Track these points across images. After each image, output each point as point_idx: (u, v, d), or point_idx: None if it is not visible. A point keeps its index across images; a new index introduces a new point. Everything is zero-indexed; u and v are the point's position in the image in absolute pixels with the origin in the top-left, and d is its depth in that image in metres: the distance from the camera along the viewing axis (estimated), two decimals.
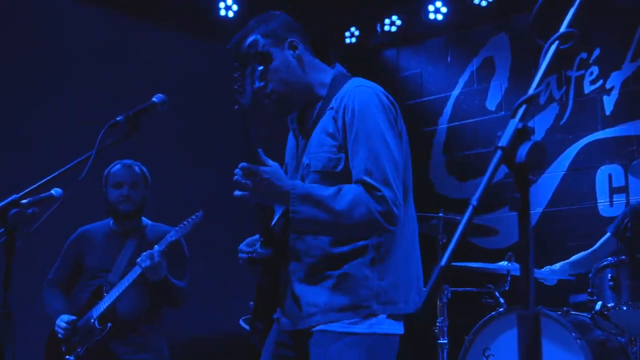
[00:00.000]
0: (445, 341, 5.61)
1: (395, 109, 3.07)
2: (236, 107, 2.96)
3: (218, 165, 7.80)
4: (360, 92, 3.00)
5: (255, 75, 3.07)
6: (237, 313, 7.39)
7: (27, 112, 6.55)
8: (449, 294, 5.68)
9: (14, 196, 2.88)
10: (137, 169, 4.99)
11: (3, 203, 2.83)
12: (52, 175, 3.03)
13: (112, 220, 5.04)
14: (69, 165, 3.16)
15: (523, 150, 1.55)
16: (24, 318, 4.82)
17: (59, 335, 4.69)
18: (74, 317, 4.73)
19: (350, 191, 2.88)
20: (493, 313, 5.43)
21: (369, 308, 2.94)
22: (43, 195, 3.15)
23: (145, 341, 4.82)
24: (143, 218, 5.06)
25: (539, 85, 1.65)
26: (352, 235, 2.97)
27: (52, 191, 3.26)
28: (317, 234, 2.97)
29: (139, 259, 4.58)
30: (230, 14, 7.74)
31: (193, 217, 4.71)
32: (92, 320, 4.68)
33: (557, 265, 5.77)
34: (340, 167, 2.97)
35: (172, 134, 7.22)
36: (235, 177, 2.92)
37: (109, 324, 4.65)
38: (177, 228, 4.69)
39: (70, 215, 4.99)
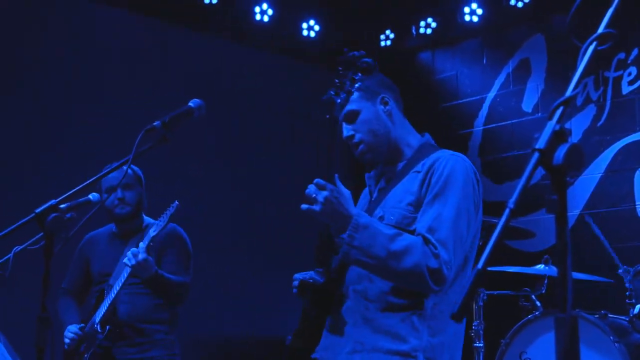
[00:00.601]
0: (481, 344, 5.59)
1: (479, 186, 3.14)
2: (327, 116, 3.08)
3: (250, 168, 7.86)
4: (453, 161, 3.09)
5: (355, 78, 3.09)
6: (252, 314, 7.43)
7: (65, 117, 6.61)
8: (485, 297, 5.65)
9: (53, 201, 2.90)
10: (127, 169, 4.91)
11: (42, 208, 2.85)
12: (90, 180, 3.05)
13: (114, 224, 5.01)
14: (106, 170, 3.19)
15: (560, 152, 1.54)
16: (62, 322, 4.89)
17: (65, 346, 4.67)
18: (80, 326, 4.69)
19: (409, 238, 2.95)
20: (529, 316, 5.39)
21: (415, 358, 2.99)
22: (81, 200, 3.17)
23: (151, 341, 4.77)
24: (145, 217, 4.99)
25: (576, 86, 1.64)
26: (394, 282, 3.02)
27: (90, 196, 3.29)
28: (364, 266, 3.00)
29: (125, 259, 4.51)
30: (266, 19, 7.77)
31: (169, 208, 4.60)
32: (95, 325, 4.65)
33: None
34: (413, 226, 3.03)
35: (204, 137, 7.26)
36: (308, 190, 2.97)
37: (107, 327, 4.61)
38: (157, 222, 4.60)
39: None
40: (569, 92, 1.63)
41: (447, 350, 3.06)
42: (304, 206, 2.95)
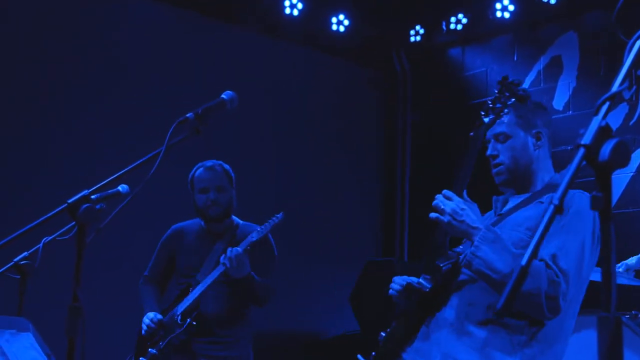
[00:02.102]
0: None
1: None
2: (471, 133, 3.20)
3: (277, 161, 7.85)
4: (582, 198, 3.12)
5: (507, 103, 3.21)
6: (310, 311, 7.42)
7: (94, 109, 6.64)
8: None
9: (85, 192, 2.89)
10: (219, 169, 4.98)
11: (74, 198, 2.85)
12: (121, 172, 3.04)
13: (201, 220, 5.07)
14: (138, 162, 3.17)
15: (606, 149, 1.51)
16: (93, 312, 4.91)
17: (142, 332, 4.80)
18: (160, 316, 4.81)
19: (534, 262, 2.95)
20: None
21: None
22: (110, 191, 3.16)
23: (230, 340, 4.88)
24: (233, 217, 5.07)
25: (623, 81, 1.61)
26: None
27: (119, 187, 3.27)
28: (484, 278, 3.02)
29: (222, 258, 4.65)
30: (295, 12, 7.76)
31: (274, 218, 4.77)
32: (175, 317, 4.78)
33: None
34: None
35: (236, 131, 7.25)
36: (435, 201, 3.07)
37: (188, 320, 4.73)
38: (259, 229, 4.75)
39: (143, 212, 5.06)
40: (615, 87, 1.60)
41: None
42: (433, 215, 3.06)
